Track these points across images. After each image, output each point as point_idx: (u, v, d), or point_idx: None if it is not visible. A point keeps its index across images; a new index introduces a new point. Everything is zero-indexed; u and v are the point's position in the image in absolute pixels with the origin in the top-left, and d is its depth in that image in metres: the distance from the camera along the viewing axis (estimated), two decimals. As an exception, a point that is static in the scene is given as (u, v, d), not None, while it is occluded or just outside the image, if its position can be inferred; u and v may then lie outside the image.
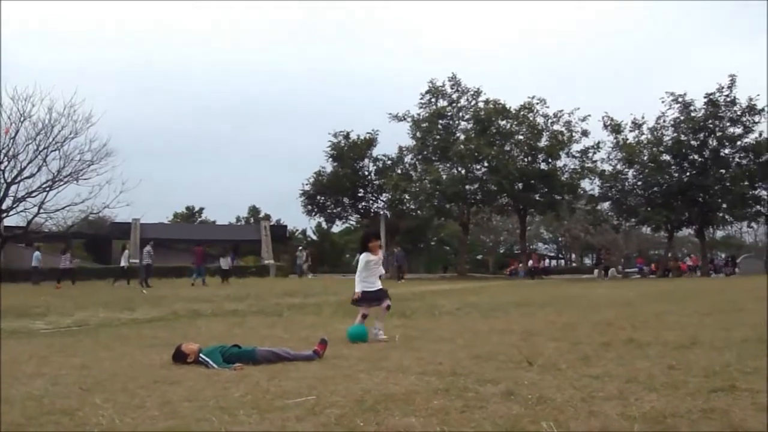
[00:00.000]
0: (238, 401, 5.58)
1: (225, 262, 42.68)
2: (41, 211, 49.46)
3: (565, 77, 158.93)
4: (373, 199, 64.10)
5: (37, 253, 45.15)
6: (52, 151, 48.10)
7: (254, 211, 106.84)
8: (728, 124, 55.99)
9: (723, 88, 55.40)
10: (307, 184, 62.56)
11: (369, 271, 10.74)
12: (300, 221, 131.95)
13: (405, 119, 58.50)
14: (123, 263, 41.28)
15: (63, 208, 50.05)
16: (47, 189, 48.63)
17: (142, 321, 14.87)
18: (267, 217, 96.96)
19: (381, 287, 10.82)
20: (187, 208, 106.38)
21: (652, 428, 4.42)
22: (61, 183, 48.91)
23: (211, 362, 7.62)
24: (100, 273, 49.39)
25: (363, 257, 10.82)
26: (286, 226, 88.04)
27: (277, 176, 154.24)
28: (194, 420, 4.91)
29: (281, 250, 75.65)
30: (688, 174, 57.39)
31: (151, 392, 6.09)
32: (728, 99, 55.40)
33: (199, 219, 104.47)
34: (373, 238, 11.22)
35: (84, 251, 72.79)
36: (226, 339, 9.45)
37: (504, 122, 57.09)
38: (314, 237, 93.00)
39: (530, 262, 58.45)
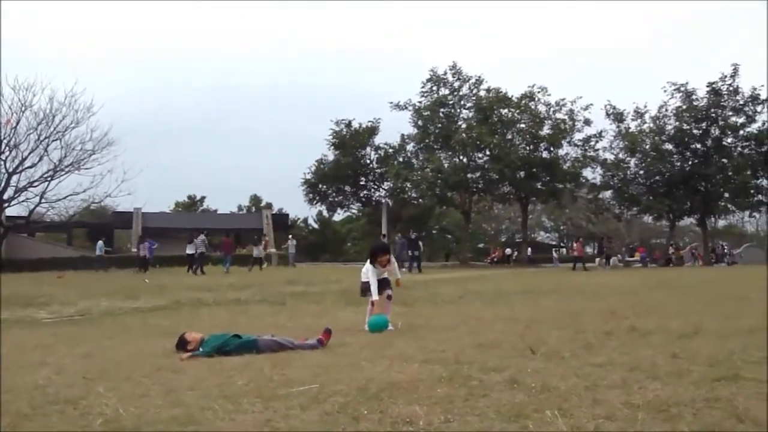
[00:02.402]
0: (242, 389, 5.59)
1: (257, 251, 43.26)
2: (43, 200, 49.59)
3: (569, 67, 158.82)
4: (375, 187, 64.17)
5: (100, 243, 45.66)
6: (53, 140, 48.28)
7: (256, 199, 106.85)
8: (731, 113, 55.94)
9: (726, 77, 55.34)
10: (308, 173, 62.61)
11: (374, 276, 10.61)
12: (302, 210, 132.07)
13: (407, 108, 58.45)
14: (190, 250, 40.87)
15: (65, 198, 50.21)
16: (49, 179, 48.78)
17: (145, 310, 14.92)
18: (269, 206, 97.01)
19: (386, 277, 10.84)
20: (189, 196, 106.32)
21: (656, 417, 4.41)
22: (63, 173, 49.06)
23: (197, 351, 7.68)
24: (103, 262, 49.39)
25: (368, 267, 10.68)
26: (287, 215, 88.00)
27: (279, 165, 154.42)
28: (198, 408, 4.91)
29: (284, 238, 75.76)
30: (690, 163, 57.37)
31: (155, 381, 6.10)
32: (731, 88, 55.36)
33: (201, 208, 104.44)
34: (381, 252, 10.88)
35: (86, 240, 72.87)
36: (229, 327, 9.46)
37: (506, 111, 57.02)
38: (315, 225, 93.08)
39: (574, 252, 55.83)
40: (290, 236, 56.12)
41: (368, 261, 10.72)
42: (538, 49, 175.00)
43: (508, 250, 70.60)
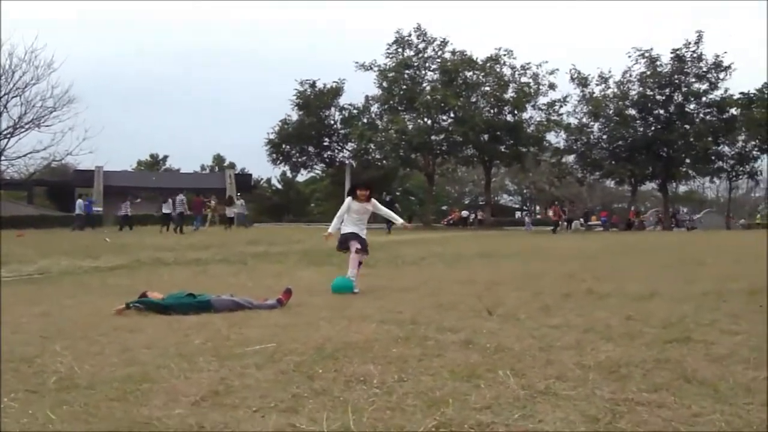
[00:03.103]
0: (198, 348, 5.60)
1: (230, 211, 43.47)
2: (2, 158, 49.11)
3: (535, 30, 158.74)
4: (339, 148, 63.96)
5: (79, 201, 45.22)
6: (13, 97, 47.76)
7: (219, 159, 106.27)
8: (694, 80, 56.41)
9: (690, 43, 55.69)
10: (272, 133, 62.19)
11: (349, 218, 10.59)
12: (265, 170, 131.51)
13: (371, 69, 58.18)
14: (166, 210, 40.60)
15: (25, 156, 49.86)
16: (8, 136, 48.17)
17: (104, 269, 14.83)
18: (232, 166, 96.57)
19: (363, 235, 10.63)
20: (151, 155, 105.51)
21: (607, 377, 4.49)
22: (23, 130, 48.64)
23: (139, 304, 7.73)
24: (63, 221, 48.90)
25: (346, 202, 10.67)
26: (251, 175, 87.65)
27: (242, 125, 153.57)
28: (153, 367, 4.91)
29: (247, 199, 75.49)
30: (652, 129, 57.87)
31: (112, 340, 6.09)
32: (695, 55, 55.74)
33: (164, 167, 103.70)
34: (363, 186, 10.88)
35: (46, 199, 72.25)
36: (189, 287, 9.43)
37: (470, 73, 56.95)
38: (279, 186, 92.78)
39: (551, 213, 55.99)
40: (238, 195, 55.34)
41: (347, 198, 10.74)
42: (506, 14, 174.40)
43: (464, 213, 70.84)
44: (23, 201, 66.74)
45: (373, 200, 10.81)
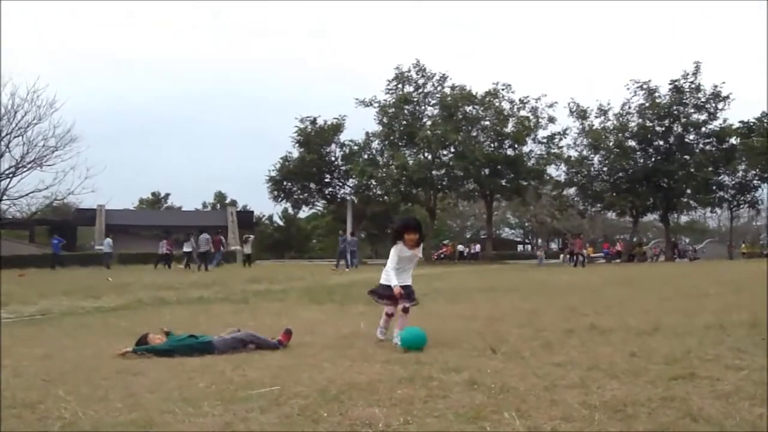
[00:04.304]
0: (202, 392, 5.57)
1: (247, 248, 45.73)
2: (4, 197, 49.16)
3: (533, 63, 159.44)
4: (340, 184, 64.14)
5: (108, 240, 46.69)
6: (15, 137, 47.83)
7: (220, 196, 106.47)
8: (693, 110, 56.72)
9: (688, 74, 56.01)
10: (273, 170, 62.34)
11: (399, 264, 8.59)
12: (266, 207, 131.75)
13: (372, 105, 58.53)
14: (187, 248, 42.70)
15: (27, 195, 49.97)
16: (10, 175, 48.27)
17: (106, 309, 14.76)
18: (233, 203, 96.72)
19: (409, 284, 8.66)
20: (153, 193, 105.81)
21: (612, 417, 4.47)
22: (25, 169, 48.76)
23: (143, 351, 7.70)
24: (66, 260, 48.88)
25: (394, 251, 8.58)
26: (252, 212, 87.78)
27: (244, 162, 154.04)
28: (158, 412, 4.89)
29: (243, 238, 75.64)
30: (653, 160, 58.08)
31: (115, 383, 6.05)
32: (693, 85, 56.06)
33: (165, 205, 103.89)
34: (411, 229, 8.69)
35: (48, 238, 72.23)
36: (190, 327, 9.41)
37: (470, 108, 57.28)
38: (281, 222, 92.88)
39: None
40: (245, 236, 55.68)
41: (393, 244, 8.67)
42: (503, 47, 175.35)
43: (460, 247, 70.88)
44: (25, 240, 66.77)
45: (420, 246, 8.87)
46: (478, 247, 69.41)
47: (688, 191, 58.69)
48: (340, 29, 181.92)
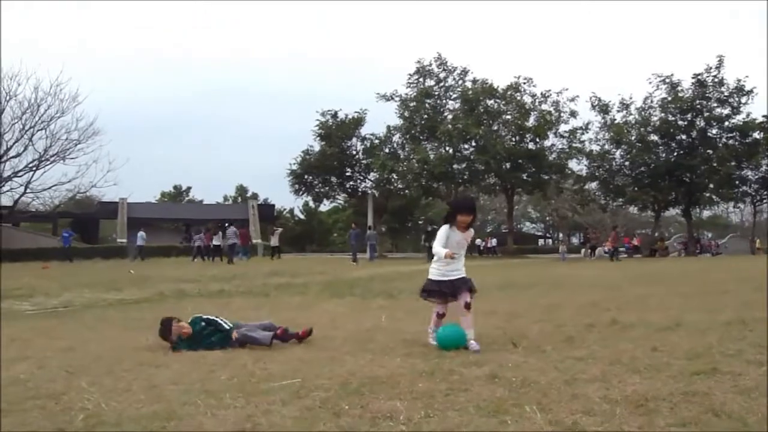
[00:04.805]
0: (224, 384, 5.60)
1: (274, 240, 46.32)
2: (28, 190, 49.39)
3: (554, 57, 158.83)
4: (361, 178, 64.07)
5: (141, 233, 47.19)
6: (38, 130, 48.10)
7: (242, 190, 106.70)
8: (716, 104, 56.26)
9: (711, 68, 55.59)
10: (294, 164, 62.41)
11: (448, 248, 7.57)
12: (288, 200, 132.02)
13: (393, 99, 58.50)
14: (216, 242, 43.00)
15: (50, 188, 50.13)
16: (34, 168, 48.55)
17: (128, 302, 14.83)
18: (254, 196, 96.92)
19: (462, 275, 7.78)
20: (175, 187, 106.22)
21: (633, 412, 4.45)
22: (48, 162, 48.93)
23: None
24: (88, 253, 49.14)
25: (442, 231, 7.70)
26: (273, 205, 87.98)
27: (265, 155, 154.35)
28: (180, 404, 4.92)
29: (269, 230, 75.74)
30: (675, 154, 57.70)
31: (137, 375, 6.09)
32: (716, 79, 55.62)
33: (187, 198, 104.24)
34: (466, 210, 7.82)
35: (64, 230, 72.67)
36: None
37: (491, 102, 57.14)
38: (302, 216, 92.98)
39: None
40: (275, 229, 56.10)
41: (443, 225, 7.80)
42: (525, 40, 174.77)
43: (477, 241, 70.75)
44: (48, 233, 67.19)
45: (471, 230, 7.93)
46: (494, 241, 69.08)
47: (711, 186, 58.24)
48: (361, 24, 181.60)
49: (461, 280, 7.70)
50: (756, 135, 56.84)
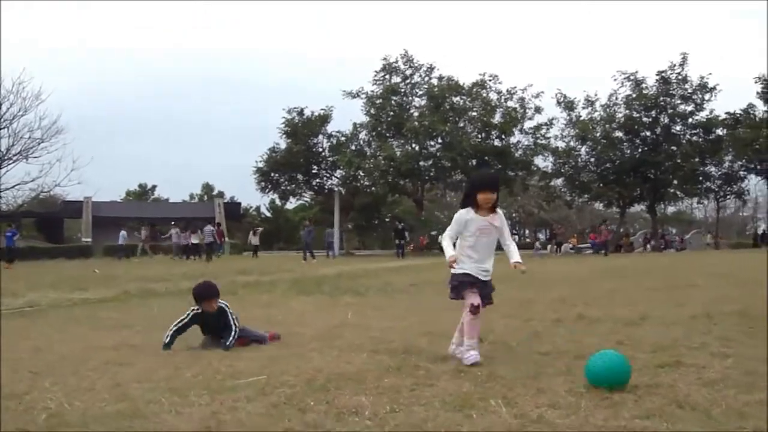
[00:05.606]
0: (190, 382, 5.57)
1: (255, 239, 48.25)
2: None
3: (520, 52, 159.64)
4: (328, 175, 63.86)
5: (123, 232, 47.80)
6: (0, 129, 47.46)
7: (207, 188, 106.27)
8: (679, 101, 56.77)
9: (675, 65, 56.12)
10: (260, 161, 62.16)
11: (469, 238, 6.41)
12: (254, 198, 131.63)
13: (359, 96, 58.36)
14: (195, 240, 43.73)
15: (13, 187, 49.73)
16: (-4, 168, 48.01)
17: (94, 301, 14.73)
18: (220, 195, 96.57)
19: (490, 277, 6.69)
20: (140, 185, 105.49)
21: (599, 404, 4.49)
22: (11, 161, 48.50)
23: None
24: (52, 252, 48.67)
25: (457, 217, 6.43)
26: (240, 204, 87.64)
27: (231, 153, 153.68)
28: (144, 402, 4.89)
29: (237, 228, 75.48)
30: (640, 150, 58.15)
31: (102, 374, 6.04)
32: (680, 76, 56.13)
33: (152, 197, 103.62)
34: (487, 187, 6.36)
35: (35, 230, 71.95)
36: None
37: (457, 99, 57.25)
38: (268, 214, 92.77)
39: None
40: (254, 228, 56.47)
41: (463, 206, 6.47)
42: (490, 37, 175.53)
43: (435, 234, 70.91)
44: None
45: (499, 211, 6.56)
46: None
47: (675, 182, 58.80)
48: (328, 20, 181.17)
49: (489, 287, 6.60)
50: (719, 131, 57.50)
